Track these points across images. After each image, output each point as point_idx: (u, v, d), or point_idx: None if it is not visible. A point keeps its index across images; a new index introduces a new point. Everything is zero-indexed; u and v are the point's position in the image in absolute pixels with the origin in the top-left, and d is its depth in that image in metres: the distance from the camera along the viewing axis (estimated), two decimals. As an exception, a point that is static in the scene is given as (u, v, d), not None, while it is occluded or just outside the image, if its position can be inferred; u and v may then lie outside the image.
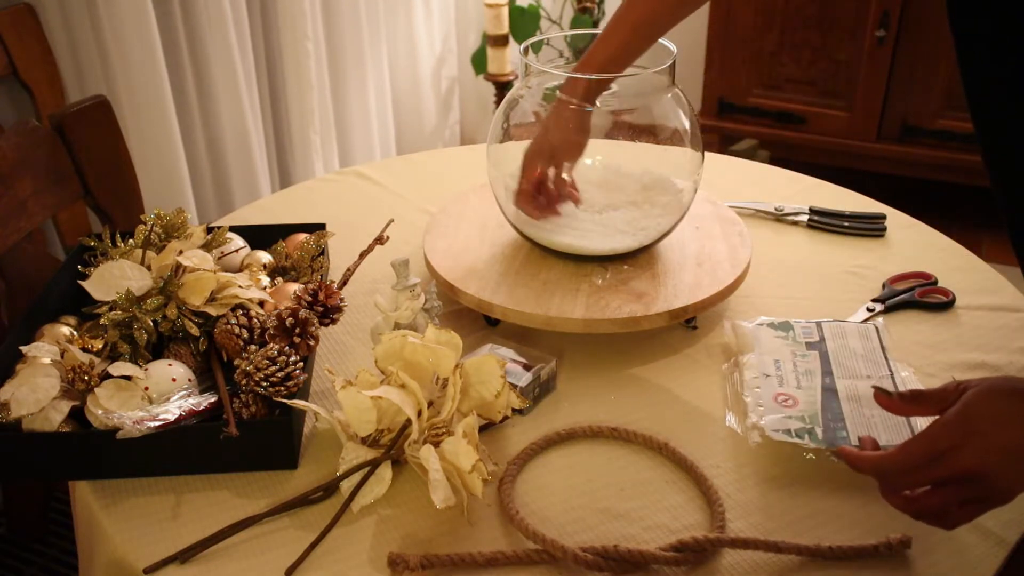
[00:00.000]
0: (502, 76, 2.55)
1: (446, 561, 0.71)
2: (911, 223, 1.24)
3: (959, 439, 0.64)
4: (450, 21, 2.69)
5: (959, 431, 0.64)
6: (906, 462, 0.66)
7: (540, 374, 0.90)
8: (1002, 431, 0.63)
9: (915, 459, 0.66)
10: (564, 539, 0.75)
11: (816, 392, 0.87)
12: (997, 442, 0.63)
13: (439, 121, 2.75)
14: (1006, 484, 0.65)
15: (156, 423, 0.79)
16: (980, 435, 0.64)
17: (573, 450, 0.85)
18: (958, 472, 0.64)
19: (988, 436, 0.63)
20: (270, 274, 1.04)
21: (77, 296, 0.96)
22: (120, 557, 0.75)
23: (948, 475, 0.65)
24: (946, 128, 2.52)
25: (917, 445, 0.66)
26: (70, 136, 1.24)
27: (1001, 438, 0.63)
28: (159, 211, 1.02)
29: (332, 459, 0.81)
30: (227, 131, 2.03)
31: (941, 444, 0.65)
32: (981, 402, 0.65)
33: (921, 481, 0.67)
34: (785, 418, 0.83)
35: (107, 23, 1.73)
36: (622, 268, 1.03)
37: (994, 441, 0.63)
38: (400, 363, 0.83)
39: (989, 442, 0.63)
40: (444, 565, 0.71)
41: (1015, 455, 0.63)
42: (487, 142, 1.08)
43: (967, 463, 0.64)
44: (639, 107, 1.04)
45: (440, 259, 1.05)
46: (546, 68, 1.03)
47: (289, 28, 2.12)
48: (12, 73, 1.61)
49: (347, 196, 1.34)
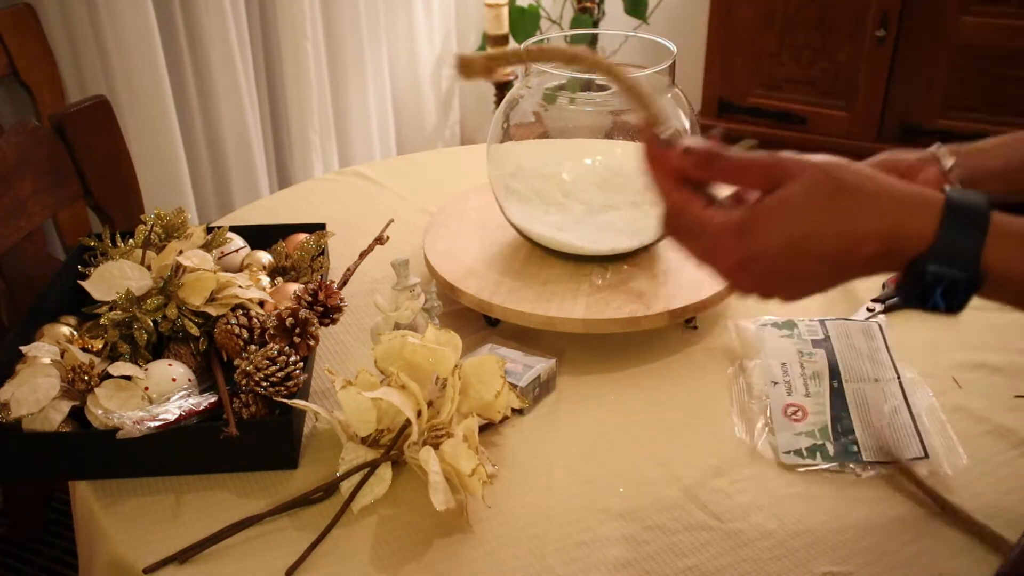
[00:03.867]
0: (502, 76, 2.55)
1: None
2: (911, 223, 1.23)
3: (763, 245, 0.52)
4: (450, 21, 2.69)
5: (770, 238, 0.52)
6: (705, 236, 0.55)
7: (540, 374, 0.90)
8: (813, 243, 0.52)
9: (716, 241, 0.54)
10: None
11: (825, 399, 0.87)
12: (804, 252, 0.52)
13: (439, 121, 2.75)
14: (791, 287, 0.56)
15: (156, 423, 0.79)
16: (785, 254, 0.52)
17: (573, 450, 0.85)
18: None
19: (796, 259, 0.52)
20: (270, 274, 1.04)
21: (77, 296, 0.96)
22: (120, 557, 0.75)
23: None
24: (946, 128, 2.51)
25: (725, 235, 0.54)
26: (70, 136, 1.24)
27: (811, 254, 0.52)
28: (159, 211, 1.02)
29: (332, 459, 0.81)
30: (227, 131, 2.03)
31: (746, 247, 0.53)
32: (798, 209, 0.52)
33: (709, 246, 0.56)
34: (795, 435, 0.83)
35: (107, 23, 1.73)
36: (622, 268, 1.03)
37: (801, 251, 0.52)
38: (400, 363, 0.83)
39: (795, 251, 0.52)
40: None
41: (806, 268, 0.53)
42: (487, 142, 1.08)
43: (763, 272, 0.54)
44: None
45: (440, 259, 1.05)
46: (546, 68, 1.03)
47: (289, 28, 2.12)
48: (12, 73, 1.61)
49: (347, 196, 1.34)
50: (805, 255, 0.51)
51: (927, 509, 0.77)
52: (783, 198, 0.51)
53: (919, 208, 0.49)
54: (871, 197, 0.50)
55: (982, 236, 0.49)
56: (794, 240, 0.51)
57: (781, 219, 0.51)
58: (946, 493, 0.78)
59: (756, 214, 0.52)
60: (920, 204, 0.50)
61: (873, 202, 0.50)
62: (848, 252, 0.51)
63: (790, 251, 0.51)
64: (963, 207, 0.49)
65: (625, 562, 0.73)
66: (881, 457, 0.81)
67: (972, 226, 0.49)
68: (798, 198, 0.51)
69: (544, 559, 0.73)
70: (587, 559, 0.73)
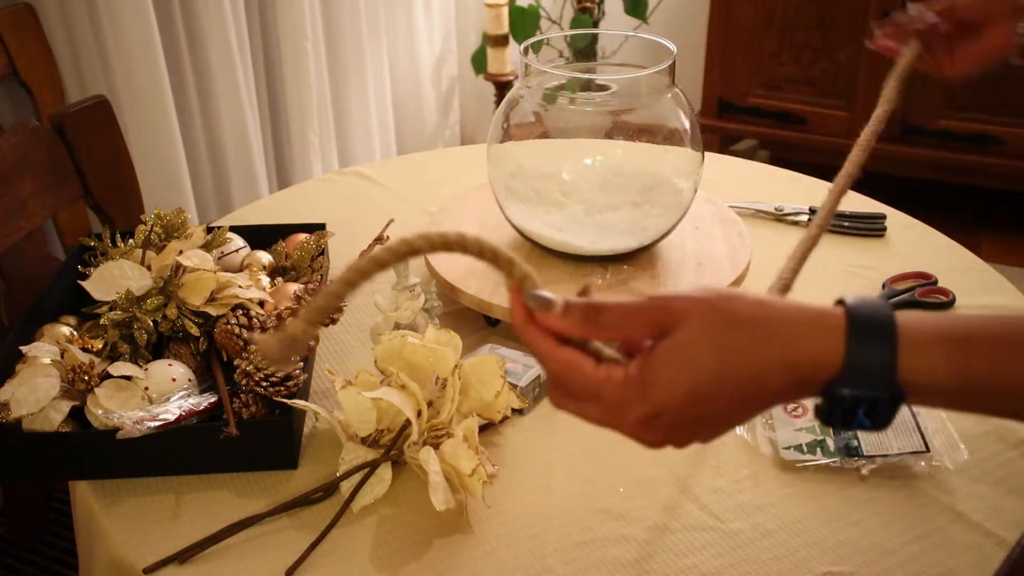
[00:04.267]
0: (502, 76, 2.55)
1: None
2: (911, 223, 1.24)
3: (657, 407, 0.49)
4: (450, 21, 2.69)
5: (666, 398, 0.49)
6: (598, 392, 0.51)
7: (540, 374, 0.90)
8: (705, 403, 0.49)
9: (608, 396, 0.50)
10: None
11: None
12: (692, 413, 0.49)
13: (439, 121, 2.75)
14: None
15: (156, 423, 0.79)
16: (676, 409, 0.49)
17: (573, 450, 0.85)
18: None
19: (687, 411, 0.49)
20: (270, 274, 1.04)
21: (77, 296, 0.96)
22: (120, 557, 0.75)
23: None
24: (946, 128, 2.51)
25: (625, 394, 0.50)
26: (70, 136, 1.24)
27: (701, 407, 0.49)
28: (159, 211, 1.02)
29: (332, 459, 0.81)
30: (227, 131, 2.03)
31: (641, 406, 0.49)
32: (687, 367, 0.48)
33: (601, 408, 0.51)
34: (795, 431, 0.83)
35: (107, 23, 1.73)
36: (622, 268, 1.03)
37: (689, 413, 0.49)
38: (400, 363, 0.83)
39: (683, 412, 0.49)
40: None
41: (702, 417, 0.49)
42: (487, 142, 1.08)
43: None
44: (639, 107, 1.04)
45: (440, 259, 1.05)
46: (546, 68, 1.03)
47: (289, 28, 2.12)
48: (12, 73, 1.61)
49: (347, 196, 1.34)
50: (711, 399, 0.48)
51: (927, 509, 0.77)
52: (676, 345, 0.48)
53: (820, 330, 0.46)
54: (767, 327, 0.47)
55: (893, 351, 0.46)
56: (697, 387, 0.48)
57: (678, 367, 0.48)
58: (946, 493, 0.79)
59: (652, 367, 0.49)
60: (821, 326, 0.46)
61: (771, 332, 0.47)
62: (756, 388, 0.48)
63: (695, 398, 0.48)
64: (866, 322, 0.46)
65: (625, 562, 0.73)
66: (881, 451, 0.81)
67: (880, 341, 0.46)
68: (692, 342, 0.48)
69: (544, 559, 0.73)
70: (587, 559, 0.73)
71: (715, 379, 0.47)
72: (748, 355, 0.47)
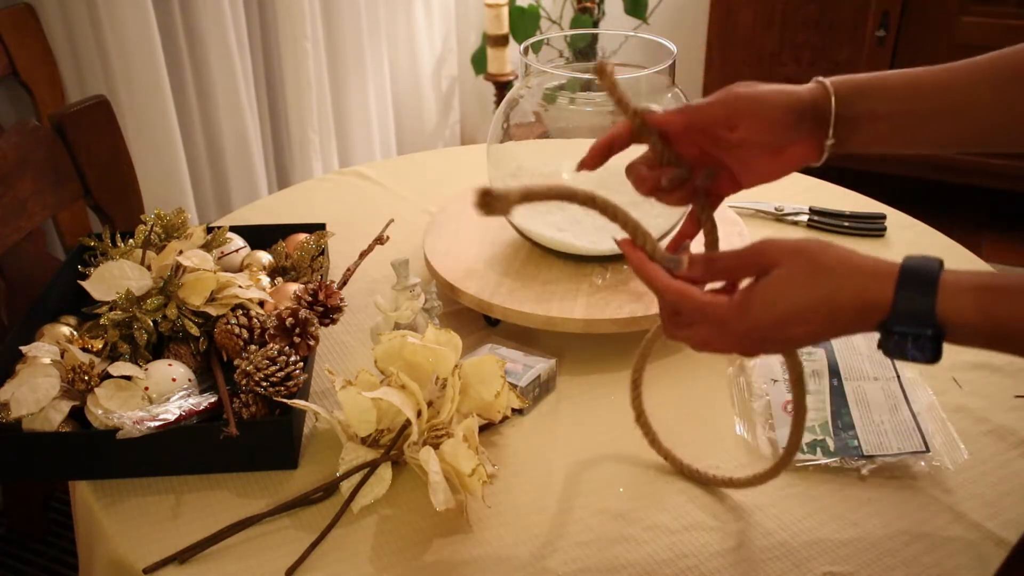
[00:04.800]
0: (502, 76, 2.55)
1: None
2: (911, 223, 1.24)
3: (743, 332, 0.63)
4: (450, 21, 2.69)
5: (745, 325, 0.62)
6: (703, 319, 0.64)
7: (540, 374, 0.90)
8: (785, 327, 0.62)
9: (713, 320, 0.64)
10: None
11: (825, 396, 0.87)
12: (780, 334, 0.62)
13: (439, 121, 2.75)
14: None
15: (156, 423, 0.79)
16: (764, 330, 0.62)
17: (573, 450, 0.85)
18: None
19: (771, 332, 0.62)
20: (270, 274, 1.04)
21: (77, 296, 0.96)
22: (120, 557, 0.75)
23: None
24: (946, 128, 2.51)
25: (730, 314, 0.63)
26: (70, 136, 1.24)
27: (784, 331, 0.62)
28: (159, 211, 1.02)
29: (332, 459, 0.81)
30: (226, 131, 2.03)
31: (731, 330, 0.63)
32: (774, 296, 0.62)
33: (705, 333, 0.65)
34: None
35: (107, 23, 1.73)
36: (622, 268, 1.03)
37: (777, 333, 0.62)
38: (400, 363, 0.83)
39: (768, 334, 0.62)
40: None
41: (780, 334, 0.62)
42: (487, 142, 1.08)
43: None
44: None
45: (440, 259, 1.05)
46: (546, 68, 1.03)
47: (288, 28, 2.12)
48: (12, 73, 1.61)
49: (347, 196, 1.34)
50: (797, 323, 0.61)
51: (927, 509, 0.77)
52: (773, 281, 0.61)
53: (880, 280, 0.58)
54: (842, 275, 0.60)
55: (932, 296, 0.57)
56: (787, 311, 0.61)
57: (776, 296, 0.61)
58: (946, 493, 0.79)
59: (754, 294, 0.62)
60: (881, 275, 0.58)
61: (844, 279, 0.60)
62: (831, 318, 0.60)
63: (786, 319, 0.61)
64: (913, 274, 0.57)
65: (625, 562, 0.73)
66: (881, 451, 0.81)
67: (923, 289, 0.57)
68: (786, 280, 0.61)
69: (544, 559, 0.73)
70: (587, 559, 0.73)
71: (802, 308, 0.60)
72: (827, 294, 0.59)
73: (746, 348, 0.65)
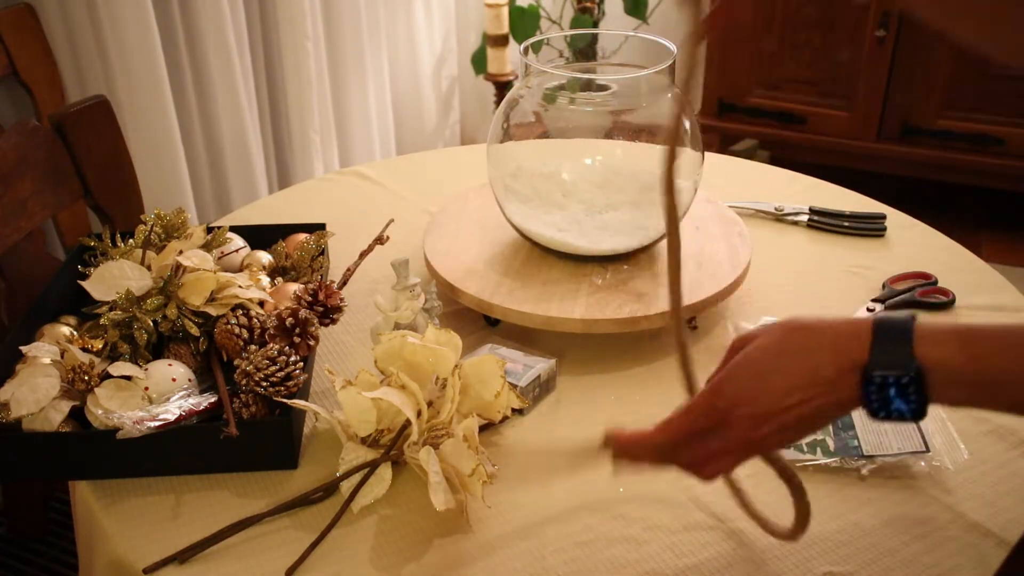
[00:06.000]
0: (502, 76, 2.55)
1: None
2: (911, 223, 1.24)
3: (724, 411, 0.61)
4: (450, 21, 2.69)
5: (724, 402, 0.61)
6: (678, 433, 0.63)
7: (540, 374, 0.90)
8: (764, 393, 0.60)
9: (689, 429, 0.63)
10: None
11: None
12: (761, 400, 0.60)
13: (439, 121, 2.75)
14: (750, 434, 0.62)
15: (156, 423, 0.79)
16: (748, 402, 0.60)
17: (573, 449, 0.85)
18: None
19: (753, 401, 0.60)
20: (270, 274, 1.04)
21: (77, 296, 0.96)
22: (120, 557, 0.75)
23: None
24: (946, 128, 2.51)
25: (688, 417, 0.63)
26: (70, 136, 1.24)
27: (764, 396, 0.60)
28: (159, 211, 1.02)
29: (332, 459, 0.81)
30: (226, 131, 2.03)
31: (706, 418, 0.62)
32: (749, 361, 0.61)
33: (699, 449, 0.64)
34: None
35: (107, 23, 1.73)
36: (622, 268, 1.03)
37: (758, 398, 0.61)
38: (400, 363, 0.83)
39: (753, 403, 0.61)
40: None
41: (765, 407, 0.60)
42: (487, 142, 1.08)
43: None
44: (639, 107, 1.04)
45: (440, 259, 1.05)
46: (546, 68, 1.03)
47: (289, 27, 2.12)
48: (12, 73, 1.61)
49: (347, 196, 1.34)
50: (775, 374, 0.60)
51: (927, 509, 0.77)
52: (746, 351, 0.61)
53: (854, 326, 0.59)
54: (818, 334, 0.60)
55: (909, 341, 0.56)
56: (763, 368, 0.60)
57: (748, 355, 0.61)
58: (946, 493, 0.79)
59: (723, 371, 0.62)
60: (855, 324, 0.59)
61: (820, 337, 0.60)
62: (810, 378, 0.59)
63: (761, 374, 0.60)
64: (887, 323, 0.58)
65: (625, 562, 0.73)
66: (881, 451, 0.81)
67: (899, 336, 0.57)
68: (758, 345, 0.61)
69: (544, 559, 0.73)
70: (587, 559, 0.73)
71: (775, 355, 0.60)
72: (804, 352, 0.60)
73: (743, 432, 0.61)
